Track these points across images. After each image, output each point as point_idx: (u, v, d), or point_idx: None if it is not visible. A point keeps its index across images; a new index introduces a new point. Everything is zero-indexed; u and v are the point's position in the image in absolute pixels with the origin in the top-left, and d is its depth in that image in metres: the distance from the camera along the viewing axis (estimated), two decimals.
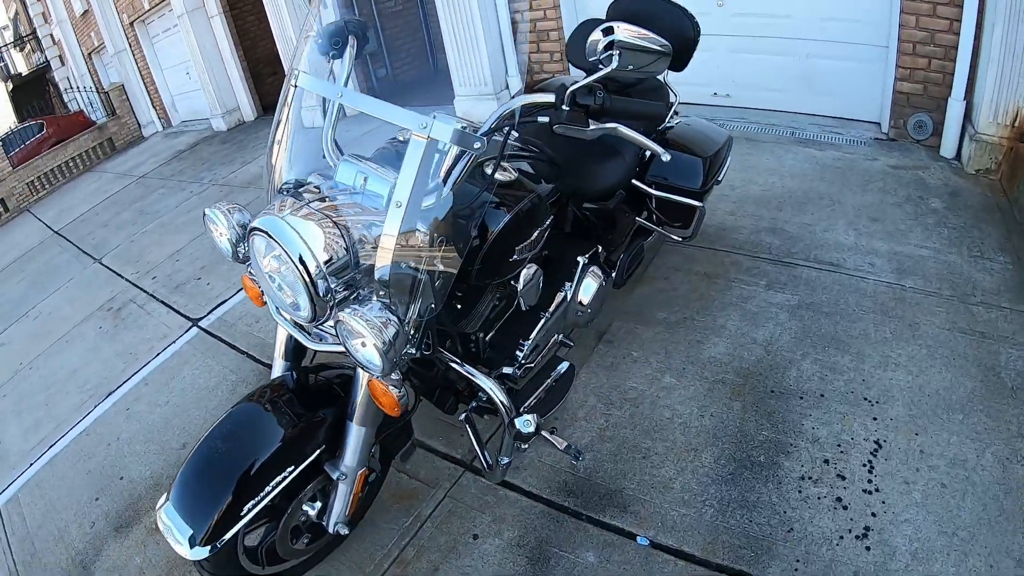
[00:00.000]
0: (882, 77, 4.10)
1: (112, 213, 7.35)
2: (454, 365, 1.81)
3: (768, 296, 2.84)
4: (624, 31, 1.40)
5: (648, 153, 2.53)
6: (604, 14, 2.69)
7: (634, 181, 2.52)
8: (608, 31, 1.40)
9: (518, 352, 2.01)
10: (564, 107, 1.44)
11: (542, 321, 2.07)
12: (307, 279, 1.41)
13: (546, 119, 1.50)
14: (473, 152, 1.41)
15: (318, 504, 1.88)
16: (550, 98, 1.46)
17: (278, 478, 1.62)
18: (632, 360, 2.66)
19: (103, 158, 11.03)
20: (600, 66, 1.44)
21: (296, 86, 1.69)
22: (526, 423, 1.81)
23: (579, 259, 2.20)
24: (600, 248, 2.36)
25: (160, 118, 11.20)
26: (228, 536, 1.58)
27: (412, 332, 1.52)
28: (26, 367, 4.47)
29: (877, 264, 2.92)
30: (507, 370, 1.99)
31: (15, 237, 8.63)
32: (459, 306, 1.84)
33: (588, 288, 2.23)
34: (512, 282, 1.91)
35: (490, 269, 1.75)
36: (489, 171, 1.58)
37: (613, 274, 2.51)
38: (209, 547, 1.56)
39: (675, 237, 2.70)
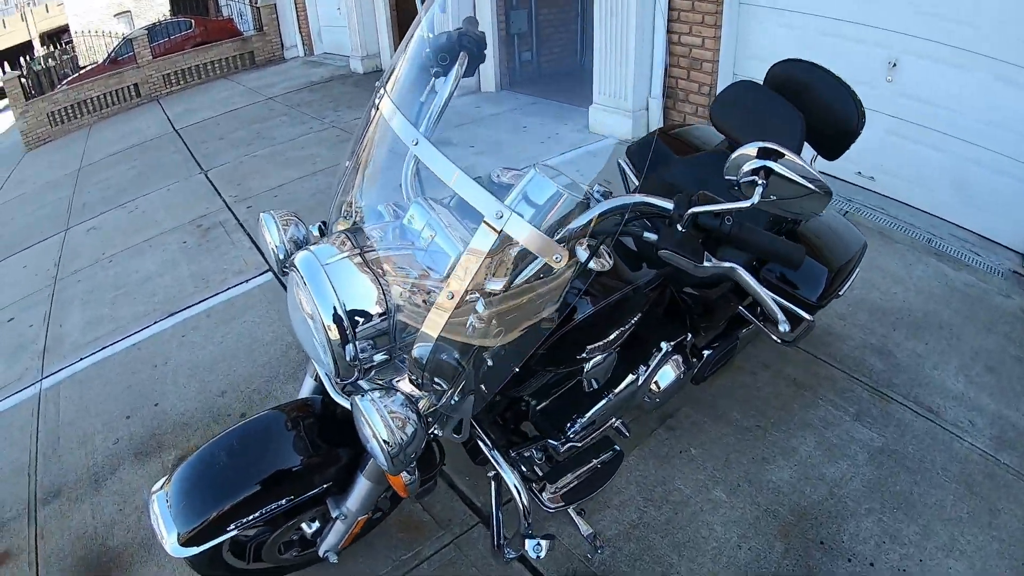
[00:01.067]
0: None
1: (231, 127, 7.54)
2: (483, 446, 1.65)
3: (853, 429, 2.56)
4: (787, 164, 1.10)
5: None
6: (762, 66, 2.43)
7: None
8: (766, 154, 1.11)
9: (569, 425, 1.83)
10: (680, 227, 1.21)
11: (604, 401, 1.87)
12: (333, 340, 1.25)
13: (653, 237, 1.26)
14: (549, 264, 1.14)
15: (316, 524, 1.79)
16: (668, 205, 1.22)
17: (276, 503, 1.52)
18: (688, 458, 2.44)
19: (240, 69, 11.38)
20: (735, 189, 1.17)
21: (378, 108, 1.44)
22: (536, 547, 1.63)
23: (663, 344, 1.97)
24: (689, 335, 2.12)
25: (304, 44, 11.42)
26: (212, 544, 1.50)
27: (447, 415, 1.36)
28: (106, 259, 4.63)
29: (978, 425, 2.58)
30: (552, 442, 1.83)
31: (139, 123, 9.01)
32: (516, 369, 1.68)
33: (664, 377, 1.99)
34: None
35: (551, 357, 1.57)
36: (582, 256, 1.28)
37: (696, 367, 2.27)
38: (193, 548, 1.49)
39: (774, 337, 2.42)
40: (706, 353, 2.24)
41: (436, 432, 1.41)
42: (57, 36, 21.93)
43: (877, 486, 2.32)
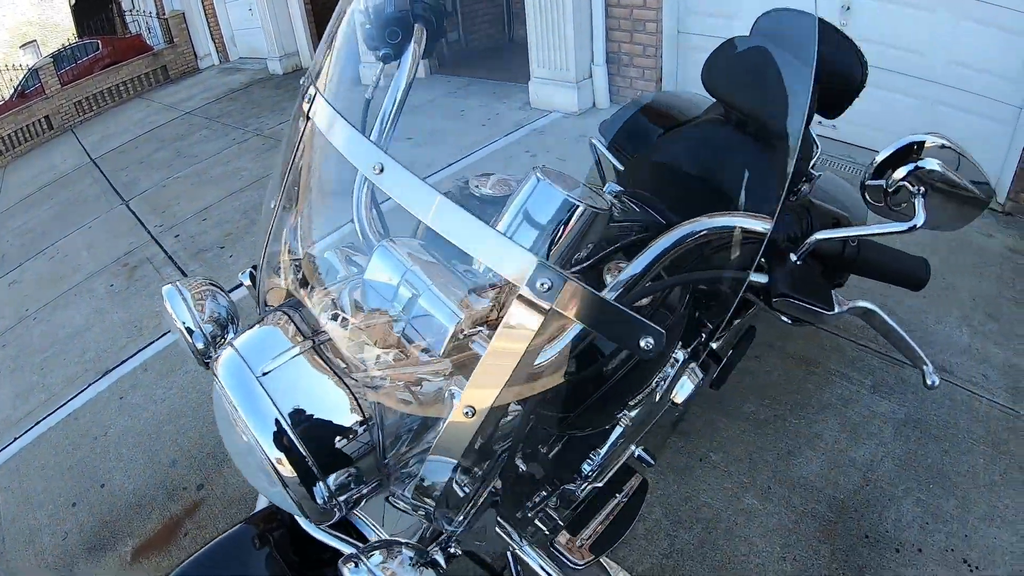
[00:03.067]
0: (1008, 140, 3.49)
1: (151, 149, 7.09)
2: (501, 534, 1.36)
3: (872, 403, 2.38)
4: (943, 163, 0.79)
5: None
6: (707, 21, 2.16)
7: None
8: (913, 150, 0.79)
9: (586, 465, 1.55)
10: (796, 260, 0.90)
11: (620, 430, 1.60)
12: (290, 481, 0.84)
13: (762, 279, 0.94)
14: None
15: None
16: (763, 227, 0.82)
17: None
18: (710, 465, 2.21)
19: (155, 86, 10.77)
20: (883, 203, 0.86)
21: (310, 118, 0.98)
22: None
23: (677, 354, 1.68)
24: (703, 337, 1.84)
25: (218, 52, 10.85)
26: None
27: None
28: (31, 316, 4.21)
29: (991, 378, 2.44)
30: (569, 487, 1.55)
31: (53, 158, 8.44)
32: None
33: (683, 390, 1.69)
34: None
35: (586, 420, 1.28)
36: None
37: (716, 371, 1.99)
38: None
39: (784, 319, 2.17)
40: (725, 356, 1.97)
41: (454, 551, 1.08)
42: None
43: (908, 463, 2.17)
